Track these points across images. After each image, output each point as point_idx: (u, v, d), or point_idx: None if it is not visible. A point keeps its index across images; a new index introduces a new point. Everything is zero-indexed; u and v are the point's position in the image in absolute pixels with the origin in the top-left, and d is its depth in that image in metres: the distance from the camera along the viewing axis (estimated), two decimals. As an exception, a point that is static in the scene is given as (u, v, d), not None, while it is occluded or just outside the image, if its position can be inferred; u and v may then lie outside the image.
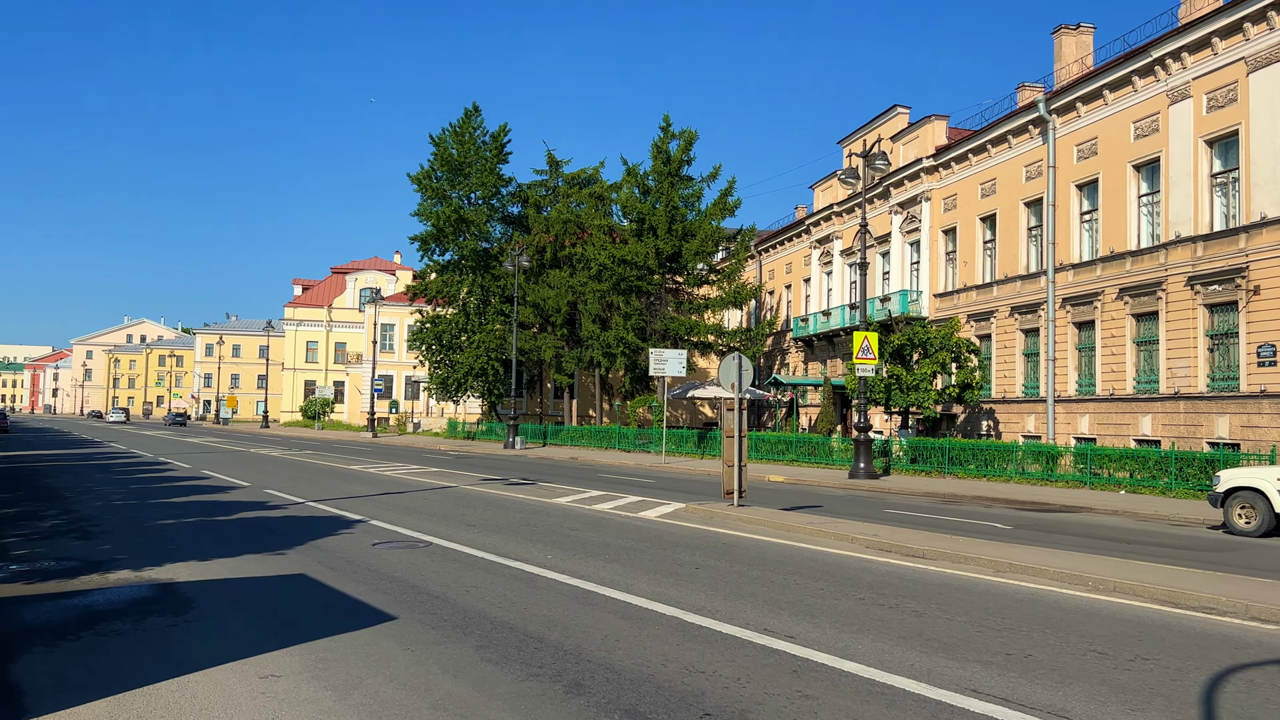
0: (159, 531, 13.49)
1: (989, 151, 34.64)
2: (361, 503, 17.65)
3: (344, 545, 12.29)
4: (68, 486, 20.40)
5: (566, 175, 54.19)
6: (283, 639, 7.29)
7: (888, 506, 19.53)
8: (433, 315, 54.15)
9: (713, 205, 45.20)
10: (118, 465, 27.80)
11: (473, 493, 20.21)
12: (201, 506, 16.78)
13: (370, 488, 21.07)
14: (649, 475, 28.13)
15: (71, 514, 15.44)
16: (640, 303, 45.75)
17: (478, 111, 51.96)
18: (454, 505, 17.47)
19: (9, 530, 13.58)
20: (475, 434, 55.00)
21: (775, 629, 7.78)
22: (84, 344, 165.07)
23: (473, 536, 13.18)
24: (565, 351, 50.77)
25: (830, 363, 45.47)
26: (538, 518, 15.61)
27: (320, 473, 25.88)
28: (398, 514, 15.85)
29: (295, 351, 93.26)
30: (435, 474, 26.29)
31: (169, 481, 22.25)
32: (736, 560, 11.36)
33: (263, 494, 19.26)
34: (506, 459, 36.26)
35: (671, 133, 45.58)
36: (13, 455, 32.55)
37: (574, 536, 13.30)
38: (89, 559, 11.03)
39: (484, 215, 52.19)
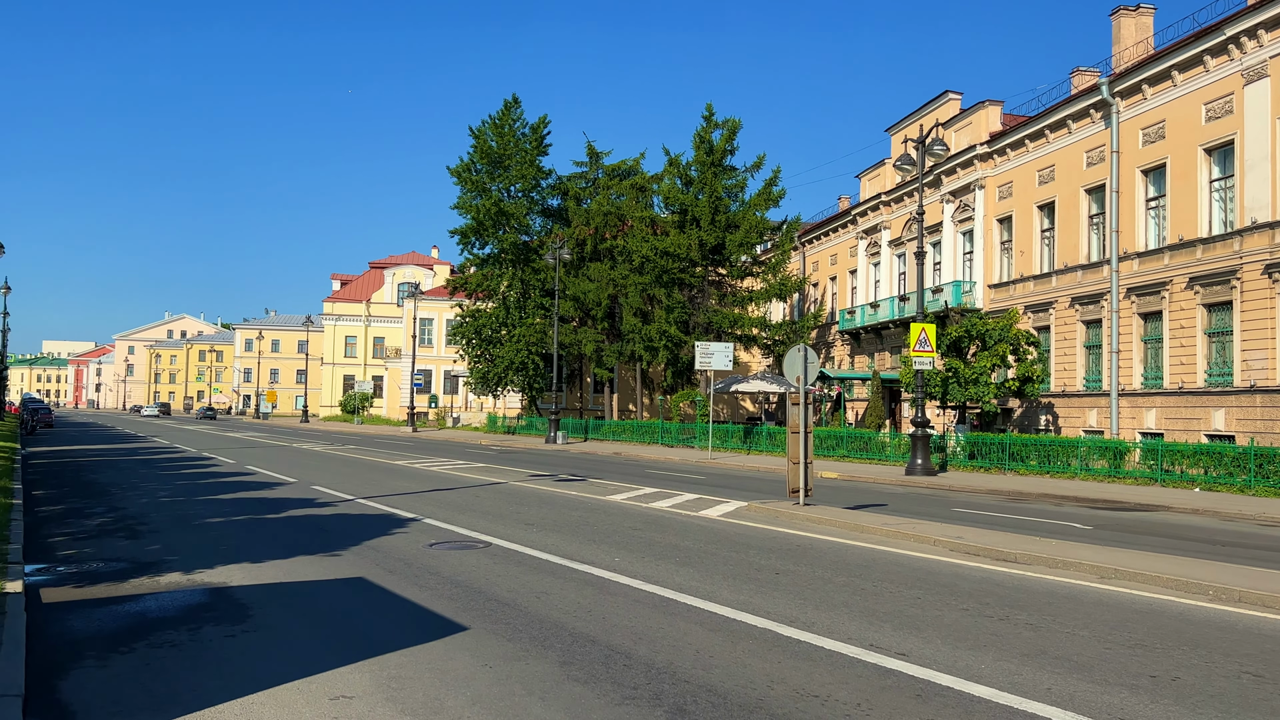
0: (208, 530, 13.06)
1: (1047, 137, 33.48)
2: (412, 500, 17.16)
3: (400, 545, 11.76)
4: (113, 482, 20.14)
5: (607, 167, 53.57)
6: (350, 652, 6.72)
7: (953, 505, 18.71)
8: (472, 309, 53.83)
9: (757, 195, 44.37)
10: (162, 461, 27.63)
11: (524, 489, 19.66)
12: (249, 504, 16.37)
13: (418, 484, 20.60)
14: (698, 471, 27.45)
15: (118, 511, 15.08)
16: (683, 295, 45.05)
17: (517, 103, 51.53)
18: (507, 503, 16.91)
19: (56, 528, 13.21)
20: (515, 429, 54.62)
21: (881, 644, 7.08)
22: (126, 339, 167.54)
23: (532, 536, 12.60)
24: (606, 345, 50.21)
25: (878, 356, 44.46)
26: (596, 516, 15.00)
27: (365, 468, 25.49)
28: (450, 512, 15.32)
29: (334, 346, 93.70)
30: (481, 469, 25.81)
31: (214, 477, 21.94)
32: (816, 565, 10.65)
33: (310, 490, 18.84)
34: (549, 454, 35.75)
35: (714, 122, 44.84)
36: (58, 450, 32.59)
37: (638, 537, 12.67)
38: (138, 560, 10.58)
39: (523, 208, 51.75)
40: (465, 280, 53.64)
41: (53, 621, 7.66)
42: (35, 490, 18.14)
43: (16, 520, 12.78)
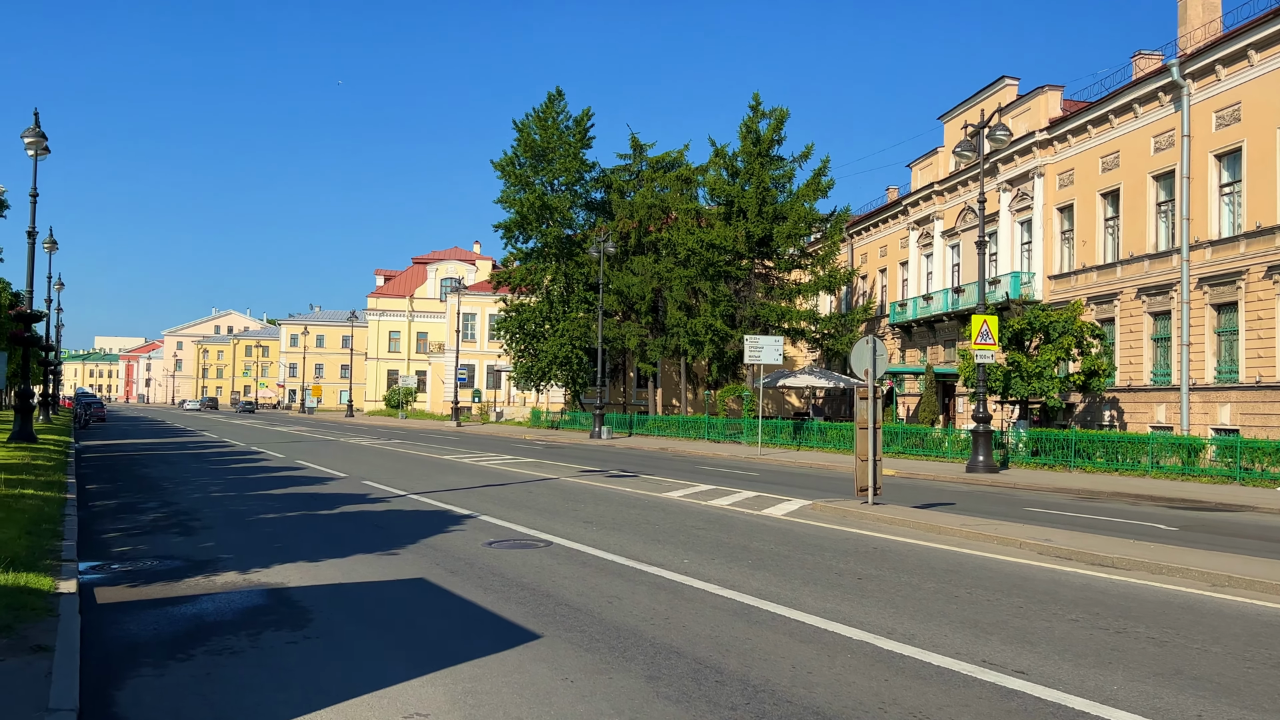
0: (261, 527, 12.74)
1: (1111, 122, 32.30)
2: (464, 495, 16.78)
3: (458, 544, 11.33)
4: (165, 477, 20.03)
5: (650, 159, 53.01)
6: (419, 662, 6.27)
7: (1024, 504, 17.92)
8: (516, 304, 53.60)
9: (805, 186, 43.55)
10: (212, 455, 27.62)
11: (576, 485, 19.20)
12: (301, 499, 16.09)
13: (469, 479, 20.25)
14: (749, 468, 26.83)
15: (171, 506, 14.85)
16: (729, 288, 44.37)
17: (561, 96, 51.10)
18: (561, 499, 16.46)
19: (109, 524, 12.99)
20: (559, 423, 54.35)
21: (994, 660, 6.47)
22: (174, 335, 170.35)
23: (593, 535, 12.11)
24: (649, 340, 49.70)
25: (930, 350, 43.45)
26: (655, 514, 14.48)
27: (415, 463, 25.24)
28: (506, 508, 14.89)
29: (378, 341, 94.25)
30: (530, 465, 25.43)
31: (265, 472, 21.78)
32: (900, 569, 10.03)
33: (362, 485, 18.56)
34: (596, 449, 35.33)
35: (761, 111, 44.08)
36: (110, 444, 32.81)
37: (703, 537, 12.13)
38: (193, 558, 10.25)
39: (567, 201, 51.38)
40: (509, 275, 53.42)
41: (108, 624, 7.31)
42: (89, 485, 18.05)
43: (71, 516, 12.56)
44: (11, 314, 28.24)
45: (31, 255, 27.79)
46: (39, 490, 14.65)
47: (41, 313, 28.31)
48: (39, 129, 26.62)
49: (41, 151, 27.24)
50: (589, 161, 51.87)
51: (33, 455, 21.43)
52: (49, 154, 27.42)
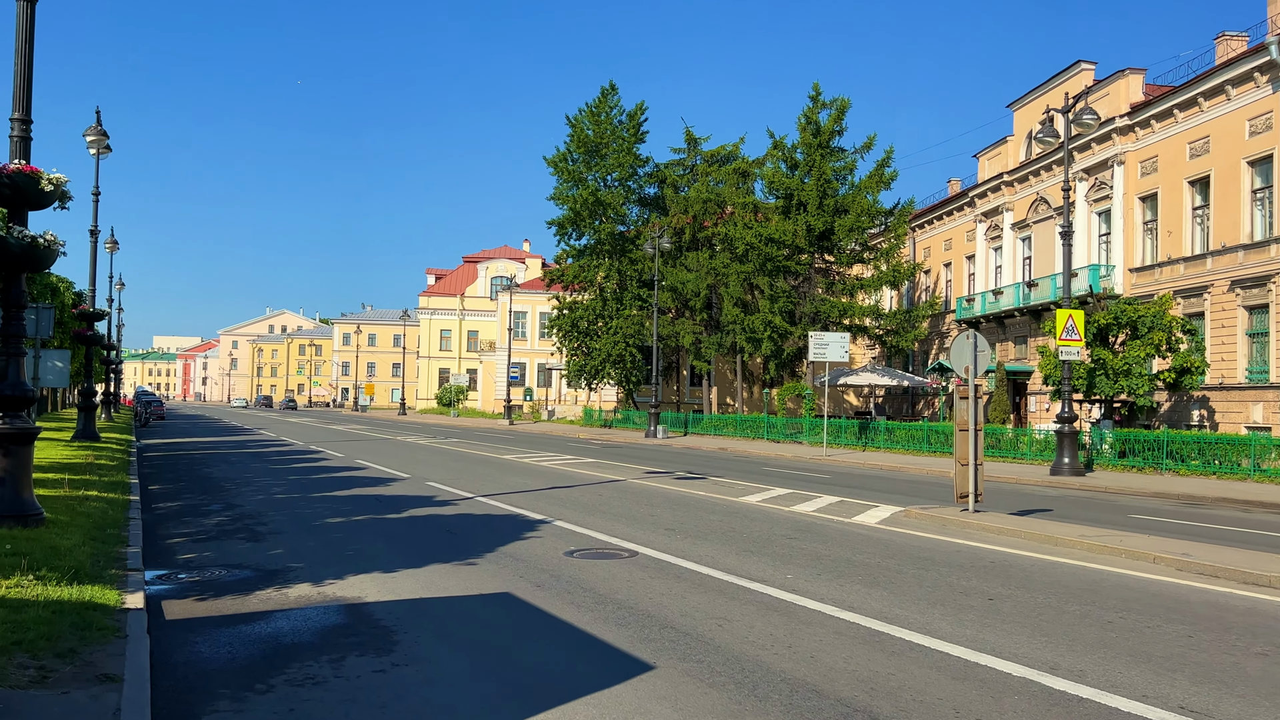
0: (329, 532, 12.14)
1: (1200, 106, 30.68)
2: (533, 498, 16.08)
3: (537, 553, 10.60)
4: (226, 477, 19.65)
5: (705, 153, 52.08)
6: (524, 698, 5.51)
7: (1125, 510, 16.75)
8: (569, 301, 53.02)
9: (867, 178, 42.31)
10: (272, 454, 27.33)
11: (646, 488, 18.42)
12: (366, 502, 15.51)
13: (534, 480, 19.58)
14: (819, 470, 25.85)
15: (235, 509, 14.36)
16: (788, 284, 43.30)
17: (614, 90, 50.43)
18: (635, 503, 15.68)
19: (174, 528, 12.49)
20: (612, 422, 53.69)
21: (1195, 706, 5.53)
22: (230, 334, 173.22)
23: (679, 544, 11.31)
24: (704, 337, 48.79)
25: (1000, 346, 41.97)
26: (738, 521, 13.64)
27: (475, 463, 24.67)
28: (579, 513, 14.16)
29: (429, 340, 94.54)
30: (592, 465, 24.73)
31: (326, 472, 21.32)
32: (1030, 588, 9.08)
33: (426, 487, 17.97)
34: (654, 449, 34.56)
35: (821, 102, 42.93)
36: (171, 443, 32.78)
37: (797, 548, 11.26)
38: (262, 567, 9.65)
39: (620, 197, 50.70)
40: (562, 272, 52.86)
41: (178, 645, 6.67)
42: (151, 485, 17.69)
43: (135, 519, 12.08)
44: (74, 312, 28.25)
45: (94, 254, 27.76)
46: (102, 492, 14.24)
47: (104, 311, 28.28)
48: (101, 127, 26.52)
49: (103, 150, 27.18)
50: (643, 156, 51.13)
51: (96, 454, 21.21)
52: (110, 153, 27.35)
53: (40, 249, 10.21)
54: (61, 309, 31.33)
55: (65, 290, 34.90)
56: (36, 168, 10.26)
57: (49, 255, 10.36)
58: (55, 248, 10.38)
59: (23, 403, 10.29)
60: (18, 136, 10.42)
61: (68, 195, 10.99)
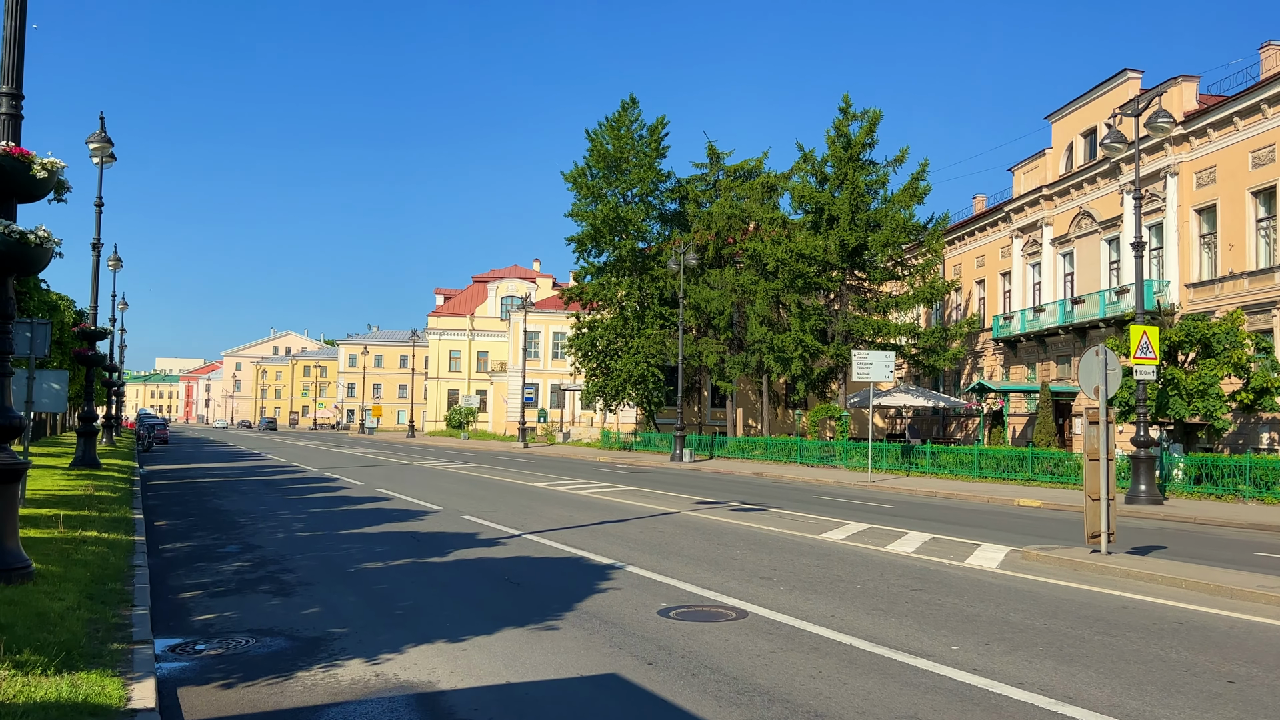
0: (369, 582, 10.36)
1: (1263, 113, 29.09)
2: (587, 536, 14.28)
3: (625, 612, 8.82)
4: (240, 510, 17.85)
5: (728, 168, 50.56)
6: None
7: (1246, 546, 14.94)
8: (589, 320, 51.37)
9: (901, 192, 40.69)
10: (285, 482, 25.53)
11: (708, 522, 16.61)
12: (402, 541, 13.71)
13: (579, 512, 17.78)
14: (874, 498, 24.05)
15: (255, 551, 12.57)
16: (820, 301, 41.60)
17: (635, 104, 49.01)
18: (705, 542, 13.87)
19: (186, 576, 10.70)
20: (632, 445, 51.80)
21: None
22: (233, 356, 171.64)
23: (788, 599, 9.52)
24: (729, 356, 47.06)
25: (1040, 366, 40.21)
26: (837, 566, 11.84)
27: (505, 491, 22.85)
28: (649, 555, 12.36)
29: (438, 361, 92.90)
30: (631, 493, 22.92)
31: (348, 504, 19.52)
32: (1261, 663, 7.28)
33: (463, 521, 16.17)
34: (684, 474, 32.74)
35: (852, 114, 41.39)
36: (176, 469, 30.98)
37: (933, 603, 9.47)
38: (298, 633, 7.88)
39: (641, 213, 49.17)
40: (580, 290, 51.21)
41: (204, 769, 4.89)
42: (158, 521, 15.90)
43: (141, 568, 10.30)
44: (75, 331, 26.57)
45: (96, 269, 26.10)
46: (103, 531, 12.47)
47: (105, 329, 26.59)
48: (104, 134, 24.93)
49: (107, 159, 25.59)
50: (664, 171, 49.62)
51: (96, 485, 19.43)
52: (115, 161, 25.76)
53: (31, 248, 8.50)
54: (61, 328, 29.63)
55: (66, 309, 33.21)
56: (28, 150, 8.57)
57: (41, 255, 8.64)
58: (49, 246, 8.66)
59: (8, 432, 8.55)
60: (6, 114, 8.74)
61: (65, 185, 9.29)
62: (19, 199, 8.76)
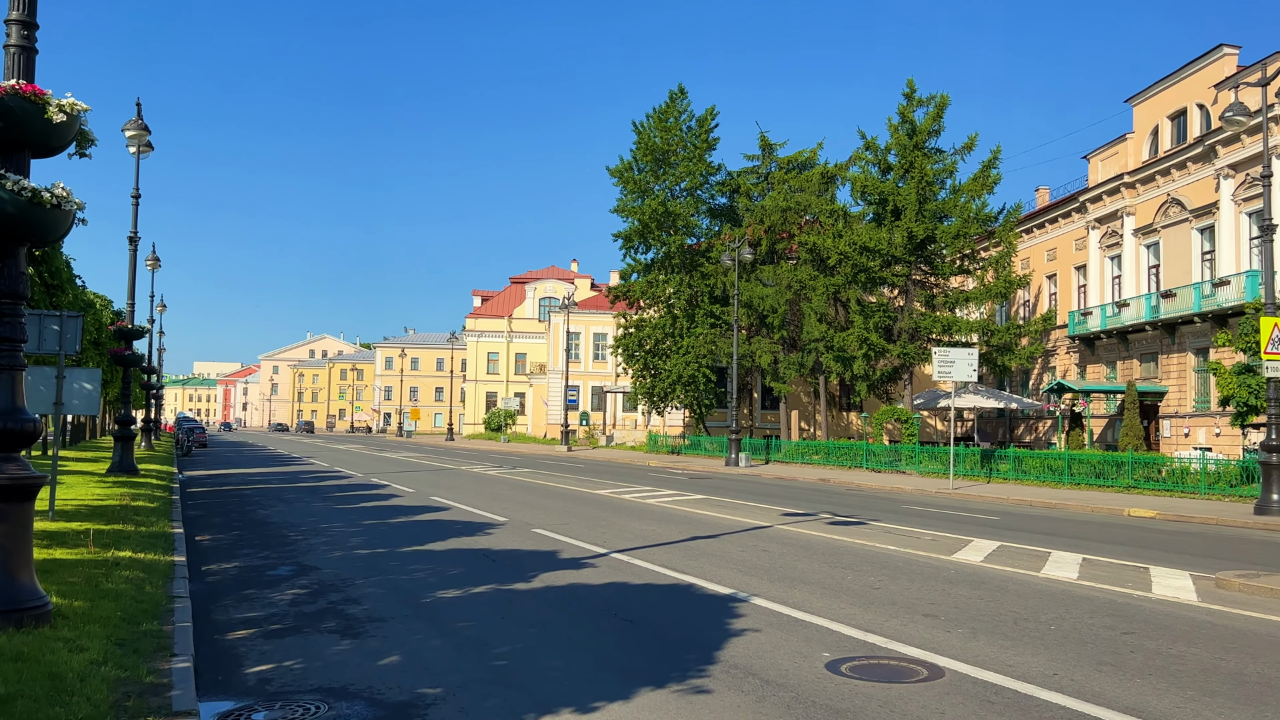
0: (450, 616, 8.62)
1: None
2: (683, 556, 12.45)
3: (782, 664, 6.99)
4: (289, 522, 16.22)
5: (781, 159, 48.52)
6: None
7: None
8: (636, 320, 49.58)
9: (971, 181, 38.51)
10: (331, 489, 23.95)
11: (812, 539, 14.71)
12: (475, 561, 11.97)
13: (658, 525, 15.97)
14: (974, 509, 22.03)
15: (311, 574, 10.88)
16: (884, 297, 39.50)
17: (683, 94, 47.20)
18: (824, 565, 11.99)
19: (235, 608, 9.00)
20: (680, 448, 49.94)
21: None
22: (270, 360, 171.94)
23: (977, 647, 7.64)
24: (783, 356, 45.05)
25: (1122, 364, 37.85)
26: (1001, 597, 9.93)
27: (570, 500, 21.10)
28: (768, 582, 10.52)
29: (476, 363, 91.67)
30: (703, 502, 21.08)
31: (403, 514, 17.84)
32: None
33: (535, 536, 14.41)
34: (746, 480, 30.85)
35: (917, 99, 39.27)
36: (216, 475, 29.58)
37: (1150, 649, 7.55)
38: (380, 695, 6.13)
39: (690, 208, 47.30)
40: (627, 289, 49.41)
41: None
42: (199, 535, 14.30)
43: (182, 599, 8.62)
44: (111, 329, 25.22)
45: (133, 264, 24.71)
46: (137, 551, 10.86)
47: (143, 328, 25.22)
48: (141, 121, 23.53)
49: (144, 148, 24.19)
50: (713, 164, 47.74)
51: (133, 493, 17.94)
52: (152, 151, 24.35)
53: (46, 209, 6.83)
54: (98, 328, 28.37)
55: (103, 308, 32.01)
56: (41, 89, 6.92)
57: (59, 219, 6.97)
58: (69, 208, 6.98)
59: (19, 439, 6.86)
60: (16, 45, 7.07)
61: (89, 136, 7.63)
62: (33, 151, 7.10)
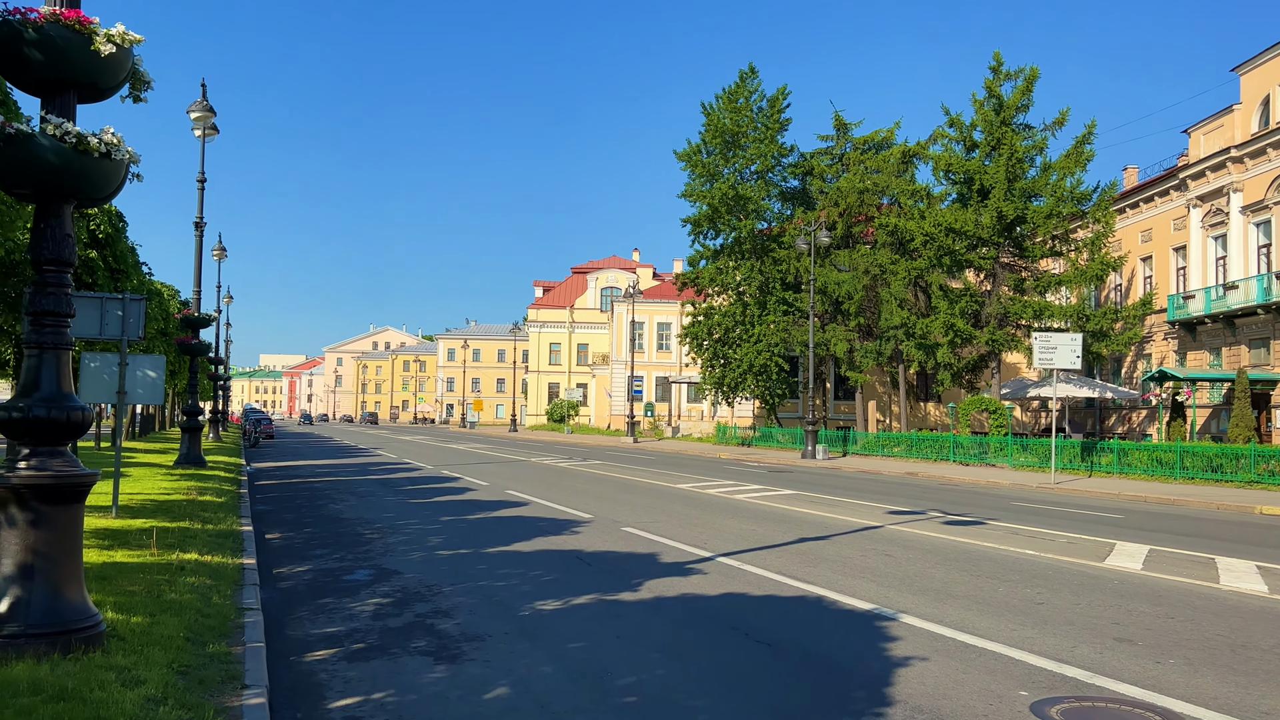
0: (555, 634, 7.44)
1: None
2: (797, 560, 11.14)
3: (975, 707, 5.67)
4: (362, 518, 15.26)
5: (856, 139, 46.62)
6: None
7: None
8: (705, 308, 48.18)
9: (1064, 157, 36.31)
10: (403, 482, 23.09)
11: (937, 541, 13.27)
12: (568, 564, 10.81)
13: (757, 524, 14.67)
14: (1084, 505, 20.32)
15: (392, 579, 9.80)
16: (971, 280, 37.55)
17: (754, 73, 45.49)
18: (965, 574, 10.58)
19: (310, 622, 7.93)
20: (750, 440, 48.50)
21: None
22: (335, 351, 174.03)
23: (1205, 685, 6.23)
24: (859, 344, 43.27)
25: (1228, 351, 35.41)
26: (1193, 615, 8.45)
27: (651, 494, 19.90)
28: (910, 595, 9.16)
29: (538, 353, 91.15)
30: (795, 498, 19.71)
31: (481, 510, 16.80)
32: None
33: (626, 535, 13.22)
34: (828, 474, 29.35)
35: (1004, 73, 37.18)
36: (284, 466, 29.01)
37: None
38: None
39: (761, 191, 45.67)
40: (695, 275, 48.01)
41: None
42: (269, 533, 13.38)
43: (253, 612, 7.57)
44: (178, 317, 24.68)
45: (199, 250, 24.11)
46: (204, 553, 9.88)
47: (210, 316, 24.63)
48: (206, 102, 22.87)
49: (210, 131, 23.54)
50: (785, 146, 46.04)
51: (200, 487, 17.19)
52: (217, 134, 23.70)
53: (94, 158, 5.76)
54: (165, 318, 27.91)
55: (170, 298, 31.68)
56: (87, 16, 5.85)
57: (108, 171, 5.90)
58: (119, 156, 5.90)
59: (64, 430, 5.81)
60: (58, -35, 6.02)
61: (144, 77, 6.53)
62: (81, 92, 6.03)
